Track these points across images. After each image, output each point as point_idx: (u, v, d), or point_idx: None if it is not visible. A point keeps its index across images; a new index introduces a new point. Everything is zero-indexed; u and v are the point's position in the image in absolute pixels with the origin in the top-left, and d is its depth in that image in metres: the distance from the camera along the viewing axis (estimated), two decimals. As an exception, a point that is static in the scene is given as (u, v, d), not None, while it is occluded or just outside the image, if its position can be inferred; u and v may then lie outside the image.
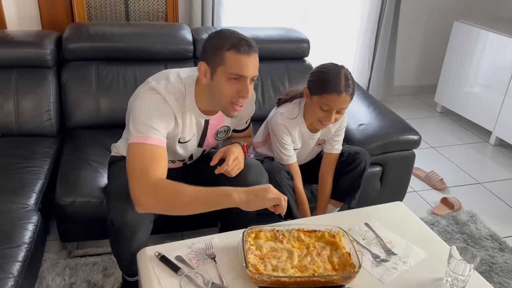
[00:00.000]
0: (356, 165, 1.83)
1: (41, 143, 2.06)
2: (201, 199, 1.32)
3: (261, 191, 1.31)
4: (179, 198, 1.31)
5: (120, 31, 2.32)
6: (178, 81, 1.47)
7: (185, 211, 1.36)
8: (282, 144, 1.79)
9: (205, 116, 1.54)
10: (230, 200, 1.29)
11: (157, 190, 1.31)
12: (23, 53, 2.12)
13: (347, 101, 1.66)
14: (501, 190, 2.68)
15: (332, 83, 1.63)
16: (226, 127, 1.65)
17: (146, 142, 1.35)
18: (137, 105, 1.41)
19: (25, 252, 1.47)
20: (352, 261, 1.30)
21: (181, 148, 1.59)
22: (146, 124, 1.37)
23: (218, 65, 1.37)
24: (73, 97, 2.18)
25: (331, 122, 1.69)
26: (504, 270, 2.01)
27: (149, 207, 1.33)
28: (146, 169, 1.32)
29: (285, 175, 1.75)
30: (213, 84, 1.40)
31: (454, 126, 3.47)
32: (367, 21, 3.34)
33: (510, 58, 3.02)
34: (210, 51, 1.38)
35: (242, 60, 1.35)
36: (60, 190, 1.76)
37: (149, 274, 1.28)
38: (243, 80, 1.38)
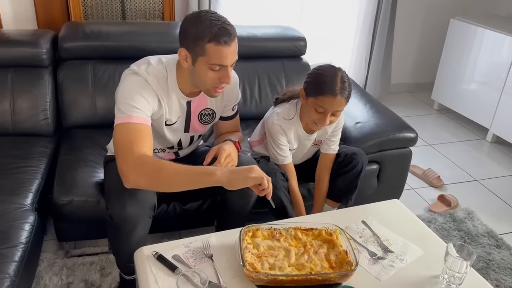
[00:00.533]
0: (353, 166, 1.83)
1: (37, 143, 2.06)
2: (184, 175, 1.33)
3: (244, 170, 1.32)
4: (161, 173, 1.33)
5: (116, 30, 2.32)
6: (159, 64, 1.50)
7: (168, 187, 1.38)
8: (278, 144, 1.79)
9: (187, 97, 1.56)
10: (213, 177, 1.30)
11: (140, 164, 1.34)
12: (19, 52, 2.11)
13: (342, 104, 1.65)
14: (498, 187, 2.69)
15: (328, 85, 1.62)
16: (210, 110, 1.65)
17: (129, 121, 1.38)
18: (119, 89, 1.45)
19: (21, 252, 1.47)
20: (349, 259, 1.30)
21: (168, 131, 1.60)
22: (128, 104, 1.40)
23: (199, 55, 1.39)
24: (69, 96, 2.17)
25: (325, 124, 1.68)
26: (501, 267, 2.02)
27: (133, 181, 1.35)
28: (130, 145, 1.36)
29: (280, 176, 1.75)
30: (194, 70, 1.43)
31: (451, 123, 3.48)
32: (364, 19, 3.34)
33: (507, 55, 3.03)
34: (190, 40, 1.39)
35: (222, 51, 1.37)
36: (57, 190, 1.75)
37: (146, 274, 1.28)
38: (224, 68, 1.41)
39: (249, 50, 2.45)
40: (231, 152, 1.56)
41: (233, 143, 1.61)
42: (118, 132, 1.40)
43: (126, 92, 1.43)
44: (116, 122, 1.41)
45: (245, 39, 2.44)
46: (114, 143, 1.41)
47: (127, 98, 1.41)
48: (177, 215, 1.84)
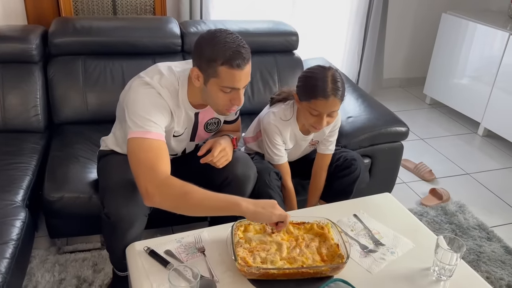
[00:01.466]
0: (351, 171, 1.83)
1: (28, 139, 2.04)
2: (210, 203, 1.31)
3: (269, 206, 1.30)
4: (188, 198, 1.30)
5: (107, 25, 2.30)
6: (171, 75, 1.47)
7: (191, 212, 1.35)
8: (274, 144, 1.77)
9: (195, 109, 1.54)
10: (238, 208, 1.28)
11: (166, 187, 1.30)
12: (8, 48, 2.09)
13: (337, 104, 1.62)
14: (489, 180, 2.71)
15: (319, 88, 1.59)
16: (216, 119, 1.65)
17: (146, 137, 1.35)
18: (132, 99, 1.40)
19: (12, 249, 1.46)
20: (340, 252, 1.31)
21: (175, 142, 1.60)
22: (145, 118, 1.36)
23: (211, 76, 1.37)
24: (60, 92, 2.16)
25: (323, 126, 1.65)
26: (492, 259, 2.04)
27: (157, 202, 1.31)
28: (153, 164, 1.32)
29: (274, 176, 1.74)
30: (206, 90, 1.42)
31: (443, 117, 3.50)
32: (356, 14, 3.34)
33: (498, 49, 3.05)
34: (203, 61, 1.36)
35: (235, 75, 1.35)
36: (48, 186, 1.75)
37: (138, 269, 1.28)
38: (236, 91, 1.40)
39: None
40: (226, 147, 1.56)
41: (230, 139, 1.61)
42: (135, 147, 1.34)
43: (141, 104, 1.38)
44: (131, 135, 1.35)
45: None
46: (132, 158, 1.35)
47: (143, 111, 1.37)
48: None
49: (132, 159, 1.35)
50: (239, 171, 1.60)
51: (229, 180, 1.60)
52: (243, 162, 1.63)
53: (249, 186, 1.65)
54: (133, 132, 1.35)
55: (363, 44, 3.45)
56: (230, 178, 1.59)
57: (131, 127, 1.36)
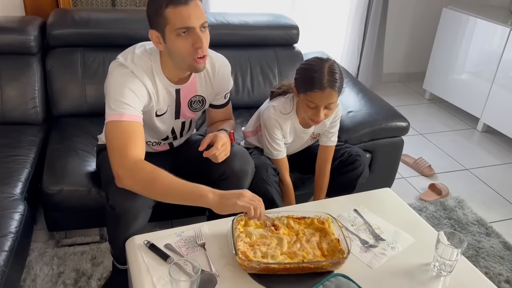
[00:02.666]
0: (355, 167, 1.82)
1: (26, 132, 2.03)
2: (177, 192, 1.32)
3: (234, 196, 1.29)
4: (155, 184, 1.32)
5: (106, 17, 2.28)
6: (143, 53, 1.47)
7: (160, 198, 1.37)
8: (273, 138, 1.76)
9: (175, 85, 1.53)
10: (204, 200, 1.29)
11: (136, 171, 1.33)
12: (6, 40, 2.07)
13: (333, 96, 1.59)
14: (488, 176, 2.71)
15: (315, 80, 1.57)
16: (200, 96, 1.63)
17: (121, 119, 1.37)
18: (108, 83, 1.43)
19: (11, 242, 1.45)
20: (341, 247, 1.30)
21: (159, 122, 1.59)
22: (118, 100, 1.38)
23: (164, 25, 1.36)
24: (58, 84, 2.14)
25: (320, 119, 1.63)
26: (490, 254, 2.05)
27: (127, 185, 1.35)
28: (124, 147, 1.34)
29: (272, 172, 1.73)
30: (168, 47, 1.40)
31: (442, 113, 3.50)
32: (356, 8, 3.32)
33: (498, 45, 3.04)
34: (153, 16, 1.37)
35: (182, 12, 1.33)
36: (47, 179, 1.73)
37: (138, 263, 1.27)
38: (193, 31, 1.36)
39: (241, 38, 2.44)
40: (226, 142, 1.55)
41: (227, 134, 1.60)
42: (110, 130, 1.37)
43: (115, 87, 1.40)
44: (107, 119, 1.38)
45: (237, 27, 2.42)
46: (107, 142, 1.38)
47: (117, 94, 1.38)
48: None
49: (107, 143, 1.38)
50: (236, 165, 1.59)
51: (226, 175, 1.59)
52: (240, 157, 1.62)
53: (247, 180, 1.64)
54: (108, 116, 1.39)
55: (363, 38, 3.44)
56: (228, 172, 1.58)
57: (107, 111, 1.40)
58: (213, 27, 2.41)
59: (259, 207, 1.29)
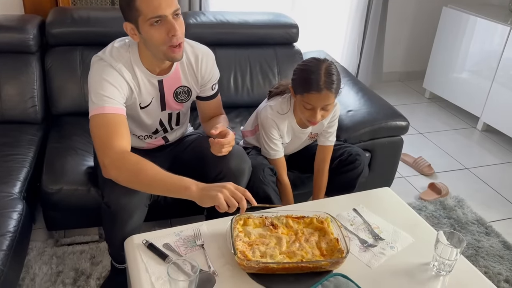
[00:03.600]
0: (355, 167, 1.82)
1: (25, 131, 2.03)
2: (162, 183, 1.32)
3: (215, 189, 1.27)
4: (140, 175, 1.33)
5: (105, 16, 2.27)
6: (122, 46, 1.48)
7: (145, 189, 1.38)
8: (270, 138, 1.76)
9: (157, 76, 1.53)
10: (187, 192, 1.28)
11: (121, 161, 1.34)
12: (5, 38, 2.07)
13: (330, 97, 1.59)
14: (488, 175, 2.71)
15: (312, 81, 1.57)
16: (185, 87, 1.62)
17: (103, 112, 1.38)
18: (89, 78, 1.44)
19: (9, 241, 1.45)
20: (340, 246, 1.30)
21: (145, 114, 1.59)
22: (99, 93, 1.39)
23: (136, 17, 1.36)
24: (57, 83, 2.13)
25: (317, 120, 1.63)
26: (490, 254, 2.04)
27: (113, 175, 1.35)
28: (109, 138, 1.36)
29: (269, 172, 1.73)
30: (144, 38, 1.40)
31: (442, 112, 3.49)
32: (356, 7, 3.31)
33: (498, 44, 3.03)
34: (125, 8, 1.38)
35: (153, 1, 1.33)
36: (46, 178, 1.73)
37: (136, 262, 1.27)
38: (165, 20, 1.36)
39: (241, 37, 2.43)
40: (232, 141, 1.53)
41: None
42: (94, 124, 1.39)
43: (94, 80, 1.42)
44: (90, 113, 1.40)
45: (236, 25, 2.41)
46: (92, 135, 1.40)
47: (98, 88, 1.40)
48: (167, 204, 1.83)
49: (92, 136, 1.40)
50: (233, 164, 1.58)
51: (223, 174, 1.58)
52: (237, 156, 1.61)
53: (244, 179, 1.64)
54: (92, 110, 1.40)
55: (363, 37, 3.43)
56: (224, 171, 1.58)
57: (90, 106, 1.41)
58: (213, 26, 2.42)
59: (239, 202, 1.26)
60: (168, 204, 1.82)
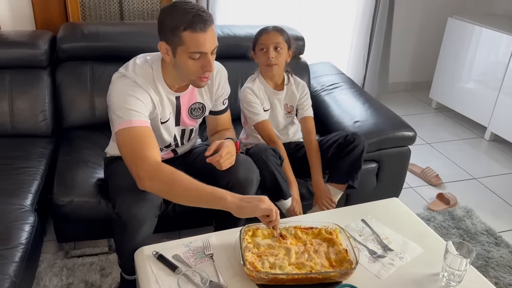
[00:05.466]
0: (355, 146, 1.85)
1: (36, 144, 2.05)
2: (196, 193, 1.33)
3: (255, 199, 1.31)
4: (175, 185, 1.34)
5: (114, 30, 2.31)
6: (145, 63, 1.51)
7: (179, 199, 1.38)
8: (249, 103, 1.91)
9: (175, 93, 1.56)
10: (223, 202, 1.30)
11: (155, 172, 1.35)
12: (17, 54, 2.11)
13: (278, 36, 1.85)
14: (497, 185, 2.69)
15: (262, 29, 1.90)
16: (200, 104, 1.66)
17: (131, 126, 1.40)
18: (112, 94, 1.46)
19: (21, 252, 1.47)
20: (349, 257, 1.30)
21: (164, 129, 1.62)
22: (125, 108, 1.41)
23: (178, 45, 1.39)
24: (68, 97, 2.17)
25: (270, 56, 1.83)
26: (500, 264, 2.03)
27: (147, 186, 1.36)
28: (141, 150, 1.37)
29: (271, 152, 1.78)
30: (176, 62, 1.44)
31: (449, 122, 3.49)
32: (362, 19, 3.34)
33: (504, 54, 3.04)
34: (168, 31, 1.40)
35: (199, 38, 1.37)
36: (57, 190, 1.75)
37: (147, 273, 1.28)
38: (204, 56, 1.41)
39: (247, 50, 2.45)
40: (232, 150, 1.56)
41: (234, 143, 1.61)
42: (122, 138, 1.40)
43: (119, 96, 1.43)
44: (117, 128, 1.41)
45: (243, 38, 2.44)
46: (121, 149, 1.40)
47: (122, 102, 1.42)
48: (176, 215, 1.84)
49: (122, 150, 1.40)
50: (241, 175, 1.60)
51: (231, 184, 1.59)
52: (245, 166, 1.63)
53: (252, 189, 1.66)
54: (118, 124, 1.41)
55: (368, 49, 3.45)
56: (233, 182, 1.60)
57: (115, 120, 1.42)
58: (220, 39, 2.39)
59: (277, 213, 1.31)
60: (177, 215, 1.84)
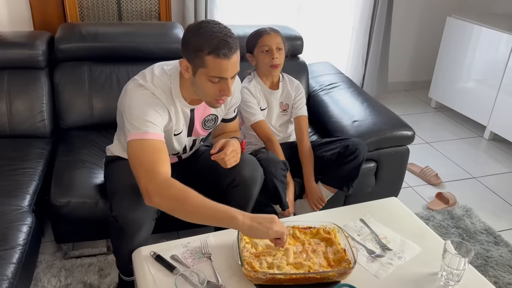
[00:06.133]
0: (356, 156, 1.87)
1: (34, 145, 2.05)
2: (207, 212, 1.29)
3: (266, 221, 1.27)
4: (185, 202, 1.29)
5: (112, 31, 2.31)
6: (163, 74, 1.49)
7: (188, 217, 1.32)
8: (246, 103, 1.93)
9: (190, 106, 1.55)
10: (234, 222, 1.26)
11: (166, 188, 1.31)
12: (15, 54, 2.11)
13: (279, 37, 1.90)
14: (496, 184, 2.69)
15: (260, 31, 1.92)
16: (213, 115, 1.66)
17: (145, 138, 1.37)
18: (129, 102, 1.42)
19: (19, 254, 1.46)
20: (347, 257, 1.30)
21: (176, 141, 1.61)
22: (142, 119, 1.38)
23: (199, 66, 1.37)
24: (66, 97, 2.16)
25: (275, 56, 1.87)
26: (499, 263, 2.02)
27: (156, 202, 1.32)
28: (154, 165, 1.33)
29: (281, 166, 1.80)
30: (195, 81, 1.42)
31: (449, 121, 3.49)
32: (361, 18, 3.34)
33: (503, 53, 3.04)
34: (191, 52, 1.37)
35: (222, 65, 1.35)
36: (55, 191, 1.75)
37: (144, 274, 1.28)
38: (224, 81, 1.39)
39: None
40: (237, 148, 1.56)
41: (239, 142, 1.61)
42: (135, 148, 1.37)
43: (137, 106, 1.40)
44: (131, 137, 1.38)
45: (241, 38, 2.42)
46: (132, 159, 1.37)
47: (141, 113, 1.39)
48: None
49: (133, 160, 1.37)
50: (246, 173, 1.60)
51: (236, 183, 1.60)
52: (250, 165, 1.63)
53: (256, 188, 1.66)
54: (132, 134, 1.38)
55: (367, 48, 3.45)
56: (237, 180, 1.60)
57: (130, 129, 1.39)
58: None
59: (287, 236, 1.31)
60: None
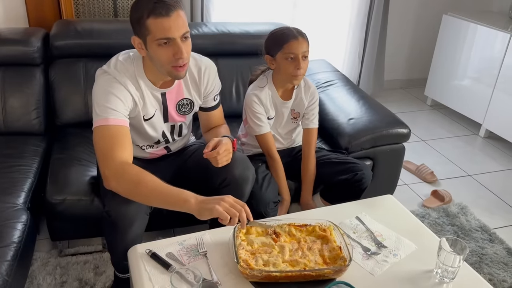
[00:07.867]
0: (362, 183, 1.84)
1: (29, 142, 2.04)
2: (161, 195, 1.33)
3: (214, 202, 1.27)
4: (140, 187, 1.34)
5: (108, 28, 2.30)
6: (127, 59, 1.50)
7: (144, 200, 1.39)
8: (254, 113, 1.82)
9: (160, 89, 1.56)
10: (186, 205, 1.29)
11: (121, 172, 1.36)
12: (9, 51, 2.10)
13: (306, 44, 1.75)
14: (491, 182, 2.70)
15: (287, 34, 1.75)
16: (188, 99, 1.65)
17: (106, 124, 1.40)
18: (93, 91, 1.47)
19: (14, 251, 1.46)
20: (342, 254, 1.30)
21: (148, 126, 1.60)
22: (103, 105, 1.41)
23: (145, 35, 1.39)
24: (61, 95, 2.16)
25: (301, 67, 1.73)
26: (494, 261, 2.03)
27: (113, 186, 1.37)
28: (111, 150, 1.37)
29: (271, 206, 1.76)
30: (150, 54, 1.43)
31: (444, 119, 3.50)
32: (357, 16, 3.34)
33: (499, 51, 3.05)
34: (135, 24, 1.40)
35: (163, 24, 1.36)
36: (50, 188, 1.74)
37: (140, 272, 1.28)
38: (173, 42, 1.39)
39: (242, 47, 2.45)
40: (229, 148, 1.56)
41: (231, 141, 1.61)
42: (97, 135, 1.41)
43: (99, 93, 1.44)
44: (94, 125, 1.43)
45: (238, 36, 2.44)
46: (95, 146, 1.42)
47: (102, 99, 1.42)
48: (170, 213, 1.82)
49: (95, 147, 1.42)
50: (237, 172, 1.60)
51: (227, 182, 1.60)
52: (241, 164, 1.63)
53: (248, 187, 1.65)
54: (95, 121, 1.42)
55: (364, 46, 3.45)
56: (229, 179, 1.60)
57: (94, 117, 1.43)
58: (214, 37, 2.44)
59: (238, 215, 1.26)
60: (170, 213, 1.82)
